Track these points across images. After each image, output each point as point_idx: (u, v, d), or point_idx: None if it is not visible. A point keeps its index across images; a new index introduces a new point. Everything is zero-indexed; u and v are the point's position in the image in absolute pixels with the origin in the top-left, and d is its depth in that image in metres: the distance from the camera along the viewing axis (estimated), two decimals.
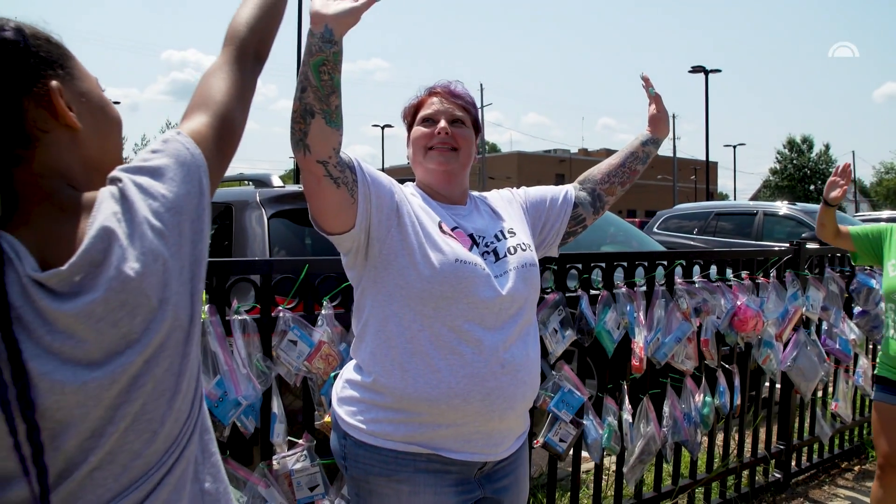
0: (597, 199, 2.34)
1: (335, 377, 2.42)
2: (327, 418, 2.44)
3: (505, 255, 1.99)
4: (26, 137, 1.08)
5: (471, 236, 1.98)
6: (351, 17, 1.64)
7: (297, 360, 2.39)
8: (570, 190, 2.33)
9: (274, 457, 2.41)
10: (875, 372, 3.62)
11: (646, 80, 2.48)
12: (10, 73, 1.06)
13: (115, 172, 1.12)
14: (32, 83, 1.08)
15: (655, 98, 2.47)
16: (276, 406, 2.41)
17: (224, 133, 1.26)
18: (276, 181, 4.72)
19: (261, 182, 4.71)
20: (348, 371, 2.00)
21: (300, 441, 2.45)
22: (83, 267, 1.03)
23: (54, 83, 1.11)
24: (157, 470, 1.11)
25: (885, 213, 17.19)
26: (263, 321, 2.39)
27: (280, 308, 2.42)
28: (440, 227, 1.93)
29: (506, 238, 2.04)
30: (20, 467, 0.97)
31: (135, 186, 1.10)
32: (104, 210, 1.07)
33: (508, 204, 2.22)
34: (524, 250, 2.05)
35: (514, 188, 2.35)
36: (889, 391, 3.47)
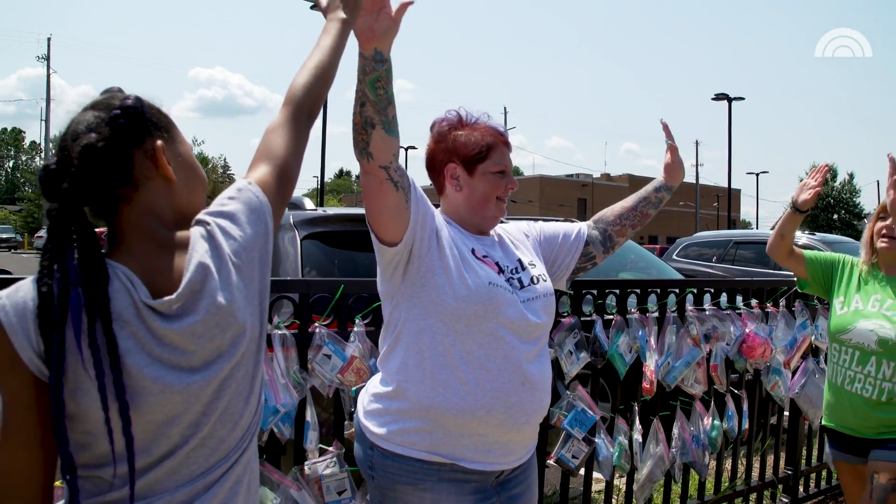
0: (608, 240, 2.48)
1: (358, 390, 2.62)
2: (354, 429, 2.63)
3: (529, 284, 2.17)
4: (133, 181, 1.37)
5: (497, 264, 2.15)
6: (392, 33, 1.86)
7: (331, 373, 2.59)
8: (583, 228, 2.47)
9: (306, 462, 2.60)
10: (822, 423, 3.39)
11: (665, 128, 2.59)
12: (128, 129, 1.36)
13: (202, 216, 1.42)
14: (143, 139, 1.38)
15: (672, 148, 2.57)
16: (310, 415, 2.60)
17: (283, 181, 1.55)
18: (309, 204, 4.94)
19: (294, 205, 4.93)
20: (374, 385, 2.16)
21: (330, 448, 2.64)
22: (187, 295, 1.32)
23: (159, 142, 1.40)
24: (236, 452, 1.41)
25: None
26: (301, 336, 2.59)
27: (316, 324, 2.63)
28: (473, 253, 2.12)
29: (527, 269, 2.21)
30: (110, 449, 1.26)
31: (218, 229, 1.40)
32: (199, 248, 1.36)
33: (526, 237, 2.39)
34: (545, 281, 2.23)
35: (532, 222, 2.51)
36: (837, 446, 3.24)
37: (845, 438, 3.18)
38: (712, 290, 3.97)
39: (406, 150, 56.51)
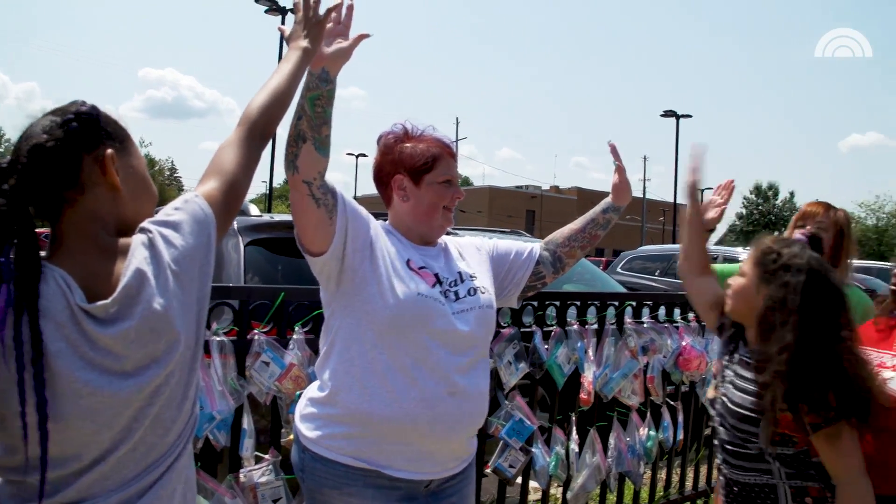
0: (557, 261, 2.53)
1: (300, 396, 2.62)
2: (291, 436, 2.63)
3: (465, 296, 2.19)
4: (79, 185, 1.40)
5: (436, 275, 2.17)
6: (344, 57, 1.96)
7: (269, 381, 2.58)
8: (535, 248, 2.52)
9: (241, 470, 2.59)
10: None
11: (613, 149, 2.62)
12: (80, 133, 1.40)
13: (145, 224, 1.44)
14: (94, 146, 1.42)
15: (619, 169, 2.61)
16: (247, 422, 2.58)
17: (230, 197, 1.58)
18: (254, 210, 4.92)
19: (239, 210, 4.90)
20: (311, 390, 2.20)
21: (266, 456, 2.63)
22: (122, 300, 1.33)
23: (109, 151, 1.44)
24: (168, 457, 1.42)
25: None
26: (239, 343, 2.58)
27: (255, 331, 2.62)
28: (408, 264, 2.14)
29: (467, 280, 2.24)
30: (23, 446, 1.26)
31: (160, 237, 1.42)
32: (138, 255, 1.38)
33: (476, 251, 2.41)
34: (483, 293, 2.25)
35: (487, 238, 2.54)
36: None
37: None
38: (651, 304, 4.05)
39: (357, 157, 56.43)
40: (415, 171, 2.21)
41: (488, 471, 3.22)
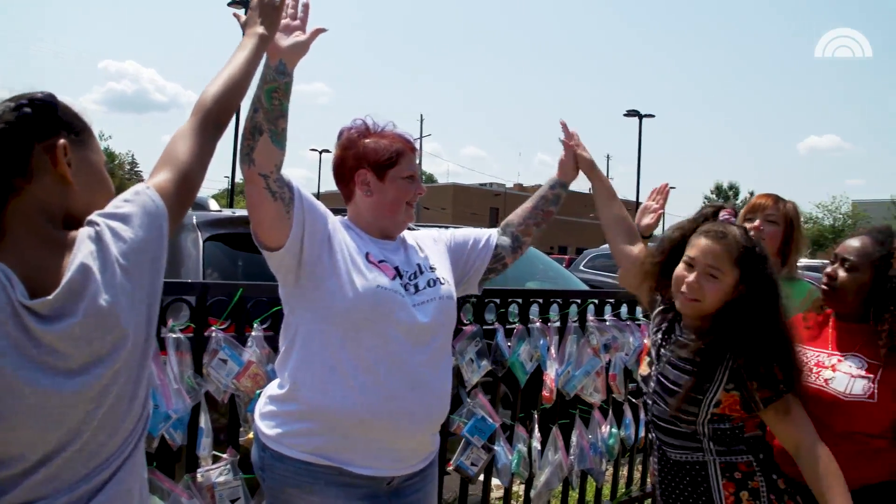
0: (515, 241, 2.55)
1: (259, 394, 2.57)
2: (251, 435, 2.58)
3: (425, 287, 2.19)
4: (27, 173, 1.34)
5: (396, 269, 2.17)
6: (301, 51, 1.95)
7: (227, 378, 2.53)
8: (493, 234, 2.54)
9: (198, 469, 2.53)
10: None
11: (564, 126, 2.69)
12: (31, 120, 1.34)
13: (93, 217, 1.38)
14: (47, 135, 1.37)
15: (566, 145, 2.69)
16: (204, 421, 2.53)
17: (184, 188, 1.53)
18: (213, 205, 4.83)
19: (198, 205, 4.82)
20: (271, 388, 2.17)
21: (224, 455, 2.58)
22: (65, 296, 1.27)
23: (62, 141, 1.38)
24: (117, 458, 1.37)
25: (802, 261, 17.96)
26: (196, 340, 2.53)
27: (213, 328, 2.57)
28: (367, 258, 2.13)
29: (426, 272, 2.24)
30: None
31: (108, 230, 1.36)
32: (83, 249, 1.32)
33: (434, 243, 2.41)
34: (442, 284, 2.25)
35: (443, 229, 2.55)
36: None
37: None
38: (613, 301, 4.06)
39: (321, 153, 56.09)
40: (379, 165, 2.20)
41: (450, 469, 3.21)
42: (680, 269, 2.28)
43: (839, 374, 2.36)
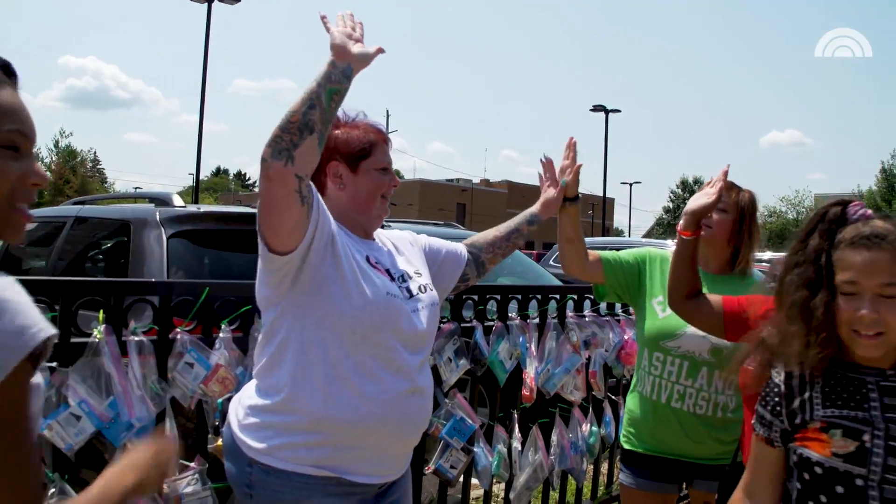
0: (480, 266, 2.49)
1: (226, 402, 2.44)
2: (220, 442, 2.45)
3: (417, 294, 2.13)
4: None
5: (388, 272, 2.09)
6: (365, 62, 1.89)
7: (193, 383, 2.40)
8: (464, 254, 2.45)
9: (165, 480, 2.39)
10: (625, 447, 2.91)
11: (549, 164, 2.62)
12: None
13: None
14: None
15: (557, 185, 2.59)
16: (170, 428, 2.40)
17: None
18: (178, 201, 4.67)
19: (161, 201, 4.65)
20: (250, 397, 2.02)
21: (192, 464, 2.44)
22: None
23: None
24: None
25: (767, 255, 18.14)
26: (160, 343, 2.39)
27: (178, 330, 2.43)
28: (368, 260, 2.05)
29: (413, 277, 2.17)
30: None
31: None
32: None
33: (411, 246, 2.33)
34: (431, 290, 2.20)
35: (416, 234, 2.45)
36: (646, 474, 2.78)
37: (661, 463, 2.76)
38: (592, 297, 3.97)
39: None
40: (352, 157, 2.11)
41: (429, 472, 3.10)
42: (842, 304, 1.77)
43: None
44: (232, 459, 2.01)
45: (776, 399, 1.87)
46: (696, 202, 2.51)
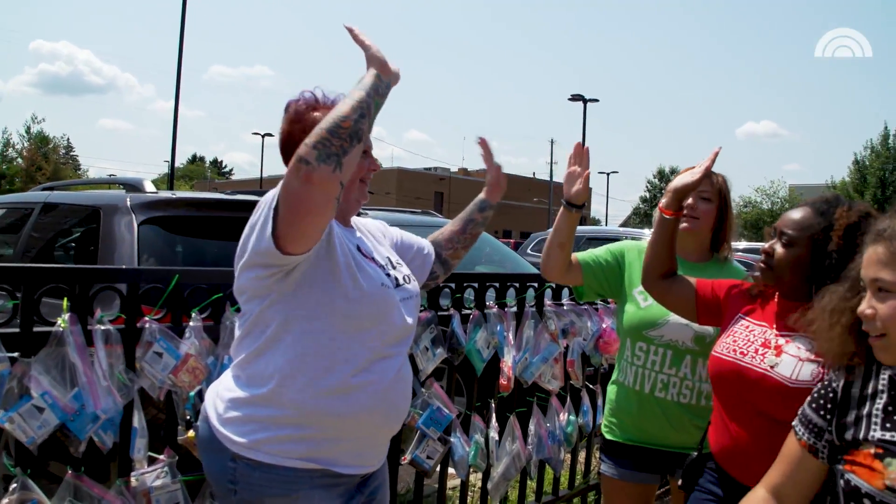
0: (444, 263, 2.48)
1: (197, 393, 2.39)
2: (190, 434, 2.39)
3: (402, 284, 2.10)
4: None
5: (375, 261, 2.06)
6: (397, 81, 1.90)
7: (162, 373, 2.33)
8: (431, 252, 2.43)
9: (133, 473, 2.33)
10: (606, 437, 2.93)
11: (483, 143, 2.47)
12: None
13: None
14: None
15: (493, 167, 2.50)
16: (138, 420, 2.33)
17: None
18: (149, 186, 4.57)
19: (132, 186, 4.55)
20: (230, 390, 1.95)
21: (161, 457, 2.38)
22: None
23: None
24: None
25: (742, 244, 18.27)
26: (128, 332, 2.32)
27: (146, 318, 2.36)
28: (359, 250, 2.01)
29: (397, 267, 2.15)
30: None
31: None
32: None
33: (383, 237, 2.29)
34: (413, 281, 2.19)
35: (386, 225, 2.40)
36: (628, 464, 2.79)
37: (643, 454, 2.77)
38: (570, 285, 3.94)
39: (263, 137, 55.29)
40: None
41: (405, 462, 3.05)
42: (863, 306, 1.70)
43: (786, 356, 2.12)
44: (212, 454, 1.95)
45: (828, 405, 1.75)
46: (680, 180, 2.46)
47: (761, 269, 2.26)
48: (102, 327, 2.25)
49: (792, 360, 2.11)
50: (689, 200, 2.71)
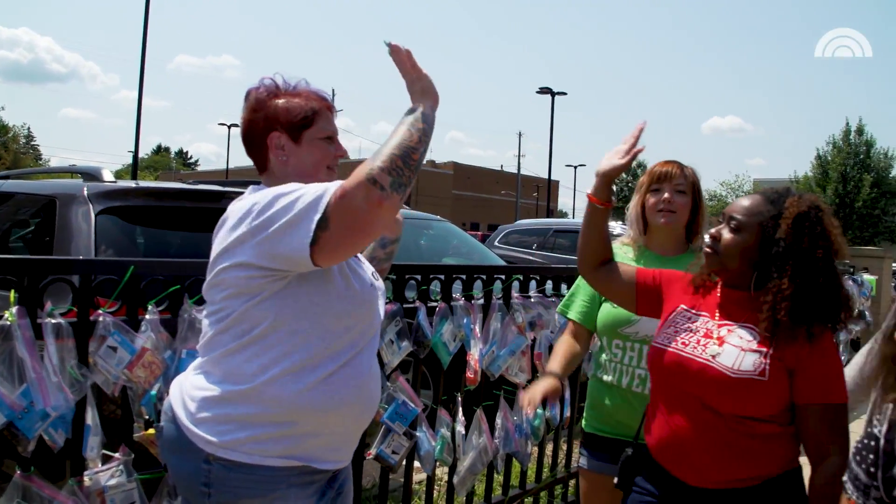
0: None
1: (160, 389, 2.32)
2: (149, 431, 2.31)
3: (374, 281, 2.08)
4: None
5: (357, 258, 2.06)
6: None
7: (117, 368, 2.25)
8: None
9: (86, 472, 2.24)
10: (583, 429, 2.96)
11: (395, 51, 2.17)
12: None
13: None
14: None
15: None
16: (91, 417, 2.24)
17: None
18: (108, 175, 4.44)
19: (90, 175, 4.42)
20: (201, 388, 1.88)
21: (116, 455, 2.29)
22: None
23: None
24: None
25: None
26: (80, 325, 2.23)
27: (100, 311, 2.27)
28: None
29: (365, 263, 2.13)
30: None
31: None
32: None
33: None
34: (378, 278, 2.15)
35: None
36: (607, 457, 2.75)
37: (622, 447, 2.58)
38: (538, 278, 3.91)
39: (229, 127, 54.68)
40: (293, 126, 2.00)
41: (370, 457, 3.00)
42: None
43: (728, 346, 2.08)
44: (182, 456, 1.88)
45: (870, 456, 1.68)
46: (608, 162, 2.30)
47: (707, 253, 2.21)
48: (53, 321, 2.16)
49: (734, 350, 2.07)
50: (666, 195, 2.73)
